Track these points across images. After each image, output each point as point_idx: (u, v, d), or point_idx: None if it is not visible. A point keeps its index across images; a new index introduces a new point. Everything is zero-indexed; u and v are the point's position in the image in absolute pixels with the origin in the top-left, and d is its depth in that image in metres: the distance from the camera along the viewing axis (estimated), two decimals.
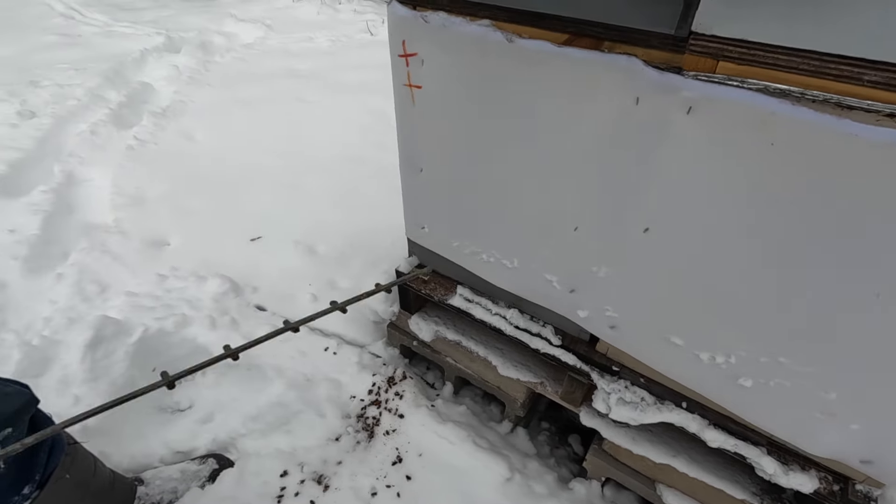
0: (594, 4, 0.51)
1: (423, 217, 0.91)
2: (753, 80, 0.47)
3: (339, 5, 3.24)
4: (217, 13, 3.21)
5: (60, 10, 3.34)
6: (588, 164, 0.63)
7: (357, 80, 2.39)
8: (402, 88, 0.74)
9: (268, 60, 2.62)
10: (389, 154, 1.84)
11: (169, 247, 1.45)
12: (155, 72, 2.51)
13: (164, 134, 1.95)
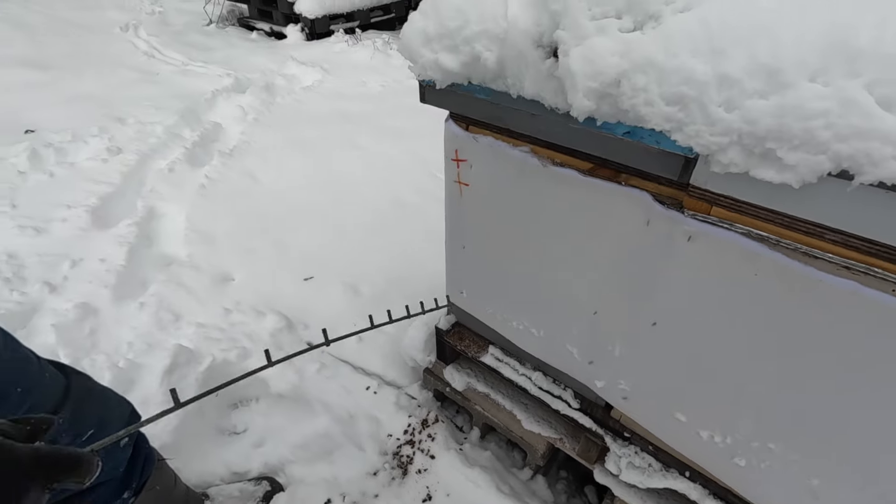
0: (614, 148, 0.63)
1: (463, 284, 1.04)
2: (740, 224, 0.58)
3: (391, 51, 3.47)
4: (280, 55, 3.50)
5: (143, 49, 3.71)
6: (606, 265, 0.74)
7: (403, 126, 2.58)
8: (453, 184, 0.88)
9: (324, 103, 2.85)
10: (428, 200, 2.00)
11: (233, 282, 1.63)
12: (224, 111, 2.78)
13: (231, 173, 2.18)
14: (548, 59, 0.64)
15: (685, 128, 0.52)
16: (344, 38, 3.68)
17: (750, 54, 0.47)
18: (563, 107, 0.64)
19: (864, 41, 0.43)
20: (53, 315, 1.45)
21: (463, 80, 0.72)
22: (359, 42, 3.61)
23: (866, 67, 0.42)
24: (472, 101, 0.74)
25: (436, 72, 0.72)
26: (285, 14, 3.87)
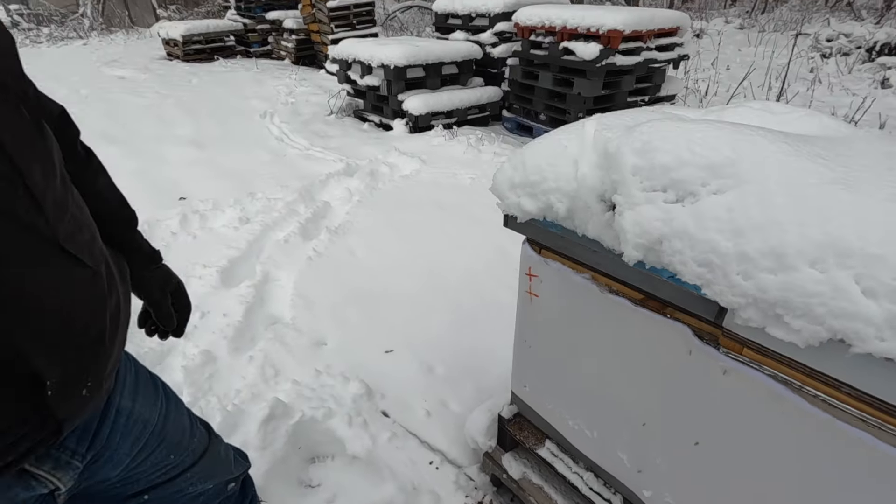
0: (660, 287, 0.76)
1: (526, 379, 1.16)
2: (767, 367, 0.67)
3: (482, 147, 3.84)
4: (386, 146, 4.00)
5: (275, 134, 4.42)
6: (653, 384, 0.85)
7: (489, 217, 2.81)
8: (525, 293, 1.04)
9: (420, 191, 3.20)
10: (506, 292, 2.16)
11: (326, 346, 1.87)
12: (334, 192, 3.21)
13: (335, 248, 2.51)
14: (608, 211, 0.80)
15: (712, 286, 0.65)
16: (442, 132, 4.13)
17: (763, 239, 0.60)
18: (618, 249, 0.79)
19: (855, 242, 0.55)
20: (183, 357, 1.75)
21: (539, 217, 0.90)
22: (455, 137, 4.03)
23: (855, 262, 0.54)
24: (544, 233, 0.92)
25: (518, 210, 0.91)
26: (394, 110, 4.45)
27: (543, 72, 4.03)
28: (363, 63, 4.47)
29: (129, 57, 8.72)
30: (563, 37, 3.81)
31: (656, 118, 0.88)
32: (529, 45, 4.13)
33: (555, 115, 4.11)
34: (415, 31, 9.92)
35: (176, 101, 5.48)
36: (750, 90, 4.08)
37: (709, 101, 5.04)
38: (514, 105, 4.56)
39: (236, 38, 8.71)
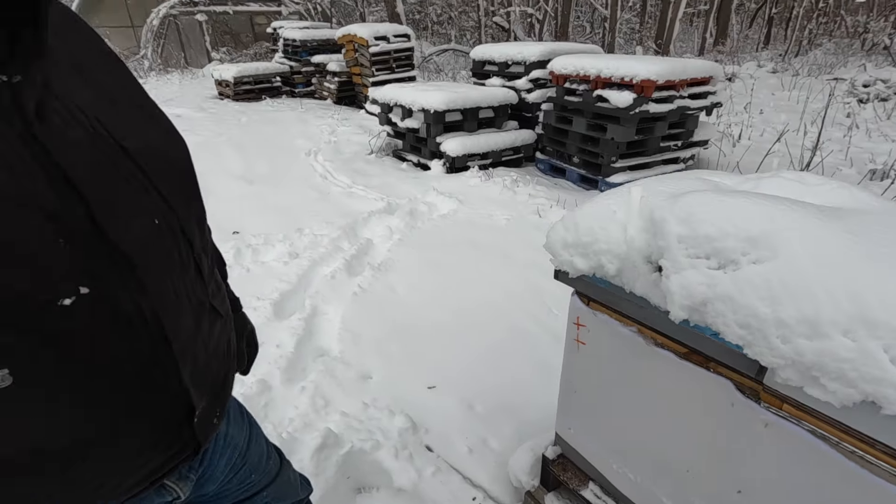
0: (704, 343, 0.84)
1: (571, 422, 1.23)
2: (806, 422, 0.74)
3: (517, 188, 3.97)
4: (424, 185, 4.18)
5: (319, 172, 4.67)
6: (697, 433, 0.91)
7: (524, 257, 2.91)
8: (572, 340, 1.13)
9: (457, 230, 3.33)
10: (542, 331, 2.23)
11: (372, 380, 1.97)
12: (375, 230, 3.38)
13: (378, 284, 2.64)
14: (654, 272, 0.89)
15: (753, 346, 0.73)
16: (478, 173, 4.30)
17: (798, 308, 0.68)
18: (664, 307, 0.88)
19: (882, 315, 0.63)
20: (241, 385, 1.88)
21: (589, 274, 1.00)
22: (490, 178, 4.19)
23: (883, 333, 0.62)
24: (594, 288, 1.02)
25: (570, 267, 1.01)
26: (432, 150, 4.66)
27: (577, 117, 4.18)
28: (404, 107, 4.73)
29: (185, 96, 9.37)
30: (597, 85, 3.97)
31: (697, 188, 0.98)
32: (564, 92, 4.30)
33: (588, 157, 4.23)
34: (450, 72, 10.36)
35: (227, 139, 5.87)
36: (785, 147, 4.11)
37: (742, 145, 5.09)
38: (547, 147, 4.71)
39: (282, 79, 9.27)
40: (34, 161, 0.46)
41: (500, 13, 10.79)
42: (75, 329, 0.48)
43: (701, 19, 15.38)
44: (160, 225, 0.56)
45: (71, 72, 0.54)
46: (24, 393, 0.47)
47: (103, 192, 0.50)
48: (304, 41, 8.99)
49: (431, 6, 14.64)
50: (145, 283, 0.53)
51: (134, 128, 0.57)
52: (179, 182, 0.61)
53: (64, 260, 0.47)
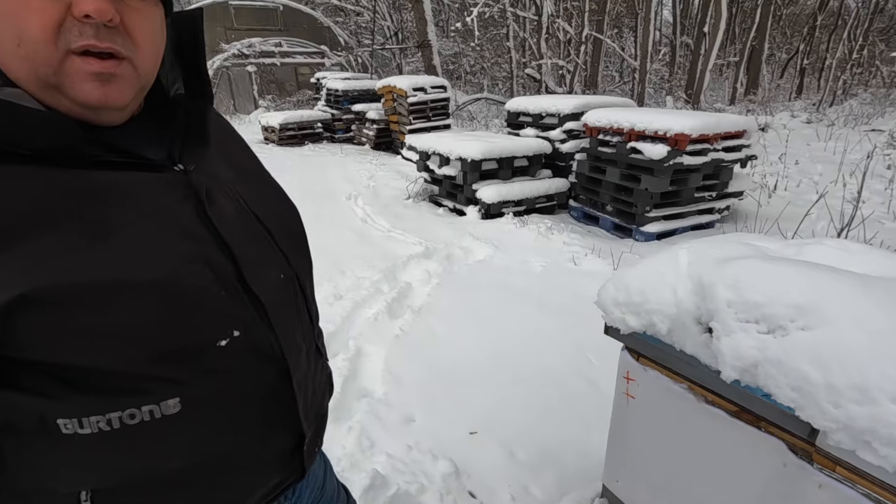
0: (755, 404, 0.89)
1: (619, 474, 1.26)
2: (860, 486, 0.78)
3: (552, 235, 4.06)
4: (460, 230, 4.32)
5: (360, 215, 4.88)
6: (749, 489, 0.94)
7: (560, 304, 2.96)
8: (622, 394, 1.18)
9: (493, 275, 3.42)
10: (581, 381, 2.26)
11: (415, 423, 2.02)
12: (414, 273, 3.50)
13: (419, 327, 2.73)
14: (704, 333, 0.96)
15: (804, 409, 0.78)
16: (513, 220, 4.41)
17: (847, 374, 0.74)
18: (715, 367, 0.94)
19: None
20: None
21: (640, 331, 1.07)
22: (525, 225, 4.29)
23: None
24: (644, 345, 1.08)
25: (622, 325, 1.08)
26: (468, 197, 4.83)
27: (611, 167, 4.29)
28: (442, 155, 4.95)
29: None
30: (630, 137, 4.09)
31: (743, 254, 1.06)
32: (597, 143, 4.43)
33: (621, 206, 4.30)
34: (483, 120, 10.74)
35: None
36: (824, 199, 4.11)
37: (779, 195, 5.07)
38: (580, 195, 4.81)
39: (323, 125, 9.81)
40: (206, 231, 0.59)
41: (531, 65, 11.23)
42: (228, 366, 0.59)
43: (731, 70, 15.59)
44: (284, 278, 0.68)
45: (220, 157, 0.69)
46: (188, 418, 0.58)
47: (247, 252, 0.62)
48: (346, 91, 9.54)
49: (465, 58, 15.35)
50: (275, 327, 0.64)
51: (261, 198, 0.71)
52: (294, 242, 0.74)
53: (224, 308, 0.58)
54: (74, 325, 0.50)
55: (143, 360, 0.53)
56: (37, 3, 0.48)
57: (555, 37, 11.83)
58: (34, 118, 0.49)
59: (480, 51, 13.29)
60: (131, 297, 0.51)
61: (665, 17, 20.67)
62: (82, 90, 0.51)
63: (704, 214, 4.27)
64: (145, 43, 0.54)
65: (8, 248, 0.47)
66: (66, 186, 0.51)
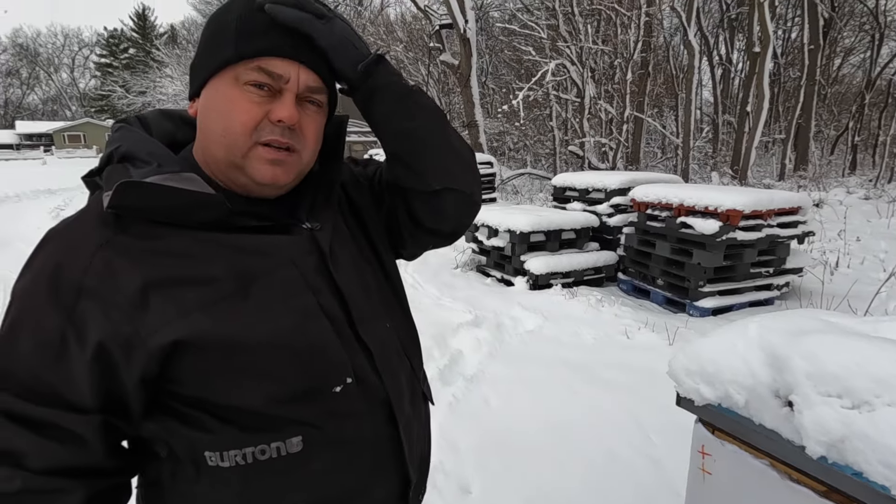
0: (845, 483, 0.87)
1: None
2: None
3: (602, 308, 4.04)
4: (509, 299, 4.37)
5: (409, 282, 5.04)
6: None
7: (616, 379, 2.90)
8: (697, 469, 1.17)
9: (544, 346, 3.41)
10: (639, 455, 2.17)
11: (472, 495, 1.99)
12: (465, 341, 3.54)
13: (472, 396, 2.73)
14: (784, 406, 0.97)
15: None
16: (561, 291, 4.44)
17: None
18: (798, 442, 0.93)
19: None
20: None
21: (715, 403, 1.08)
22: (574, 297, 4.30)
23: None
24: (720, 417, 1.08)
25: (696, 395, 1.10)
26: (516, 268, 4.91)
27: (660, 241, 4.30)
28: (490, 227, 5.13)
29: None
30: (679, 212, 4.13)
31: (817, 328, 1.08)
32: (646, 217, 4.49)
33: (673, 281, 4.25)
34: (527, 194, 11.06)
35: None
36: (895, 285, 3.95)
37: (841, 273, 4.87)
38: (629, 269, 4.81)
39: None
40: (326, 283, 0.68)
41: (574, 142, 11.65)
42: (343, 410, 0.66)
43: (777, 146, 15.55)
44: (389, 328, 0.75)
45: (348, 209, 0.80)
46: (309, 457, 0.65)
47: (358, 302, 0.70)
48: None
49: (509, 136, 16.12)
50: (381, 374, 0.70)
51: (373, 249, 0.80)
52: (395, 290, 0.82)
53: (339, 356, 0.66)
54: (221, 368, 0.60)
55: (275, 401, 0.62)
56: (246, 106, 0.62)
57: (597, 116, 12.33)
58: (197, 199, 0.59)
59: (524, 129, 13.96)
60: (266, 345, 0.61)
61: (705, 97, 21.18)
62: (258, 170, 0.63)
63: (762, 291, 4.16)
64: (312, 141, 0.67)
65: (171, 298, 0.57)
66: (221, 247, 0.61)
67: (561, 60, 10.62)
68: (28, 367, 0.55)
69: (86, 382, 0.56)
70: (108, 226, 0.58)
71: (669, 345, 3.33)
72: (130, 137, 0.65)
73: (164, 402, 0.61)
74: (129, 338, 0.55)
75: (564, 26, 11.21)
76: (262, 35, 0.62)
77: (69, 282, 0.55)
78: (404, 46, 17.63)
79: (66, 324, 0.55)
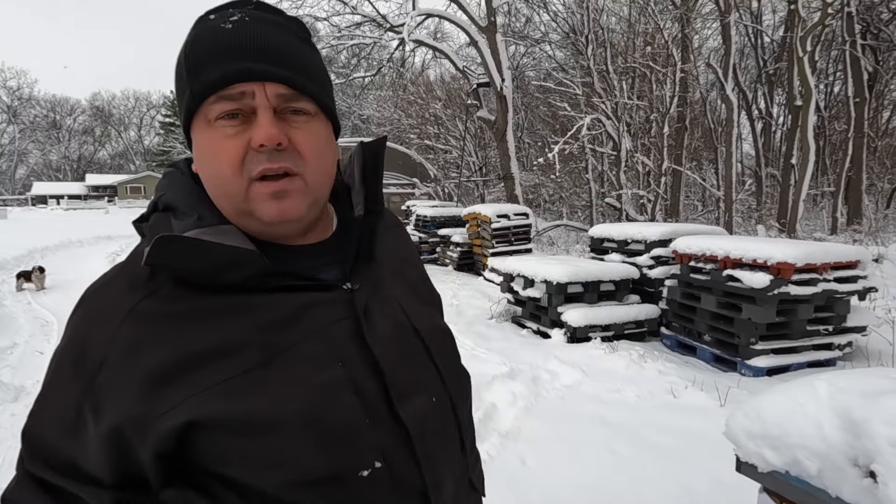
0: None
1: None
2: None
3: (645, 364, 3.84)
4: (545, 353, 4.22)
5: None
6: None
7: (661, 443, 2.69)
8: None
9: (583, 403, 3.23)
10: None
11: None
12: (499, 394, 3.40)
13: (507, 454, 2.59)
14: (865, 477, 0.86)
15: None
16: (601, 345, 4.26)
17: None
18: None
19: None
20: None
21: (781, 470, 0.97)
22: (615, 351, 4.12)
23: None
24: (788, 487, 0.97)
25: (759, 460, 0.99)
26: (552, 319, 4.78)
27: (706, 294, 4.11)
28: (526, 277, 5.06)
29: None
30: (725, 265, 3.96)
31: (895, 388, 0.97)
32: (689, 270, 4.33)
33: (721, 337, 4.02)
34: (563, 245, 10.96)
35: None
36: None
37: None
38: (673, 323, 4.59)
39: None
40: (359, 352, 0.58)
41: (611, 194, 11.60)
42: (367, 498, 0.57)
43: (827, 199, 14.98)
44: (436, 402, 0.64)
45: (394, 269, 0.71)
46: None
47: (398, 374, 0.60)
48: (434, 217, 10.35)
49: (544, 188, 16.26)
50: (419, 458, 0.59)
51: (425, 311, 0.71)
52: (452, 358, 0.72)
53: (368, 438, 0.56)
54: (235, 449, 0.54)
55: (292, 484, 0.55)
56: (224, 144, 0.55)
57: (633, 169, 12.31)
58: (235, 254, 0.55)
59: (560, 182, 14.06)
60: (283, 427, 0.54)
61: (746, 150, 20.89)
62: (262, 209, 0.56)
63: (822, 350, 3.86)
64: (312, 157, 0.57)
65: (190, 374, 0.53)
66: (249, 313, 0.56)
67: (596, 115, 10.80)
68: (51, 437, 0.55)
69: (102, 458, 0.54)
70: (138, 288, 0.55)
71: (721, 406, 3.09)
72: (175, 185, 0.62)
73: (184, 472, 0.57)
74: (143, 418, 0.52)
75: (599, 83, 11.48)
76: (212, 66, 0.54)
77: (93, 353, 0.53)
78: (443, 104, 18.43)
79: (85, 401, 0.53)
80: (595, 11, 11.80)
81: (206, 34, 0.56)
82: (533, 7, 14.85)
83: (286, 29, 0.58)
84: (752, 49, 17.45)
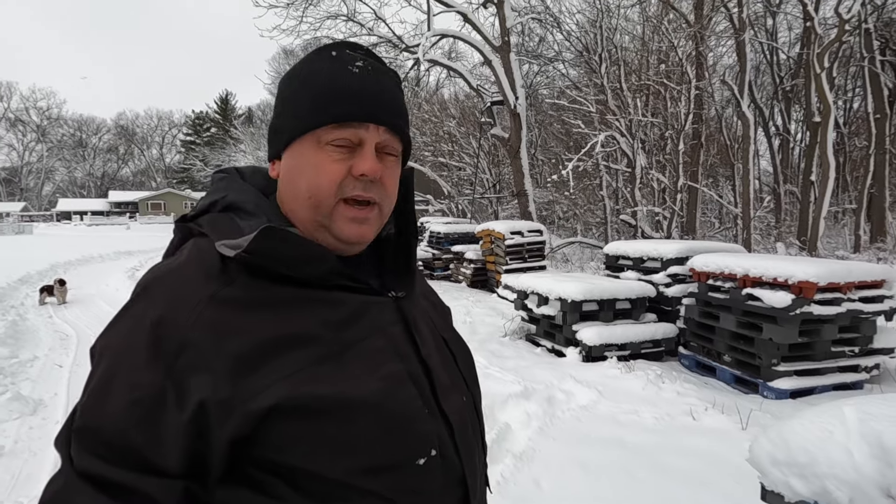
0: None
1: None
2: None
3: (663, 384, 3.75)
4: (560, 372, 4.15)
5: None
6: None
7: (681, 467, 2.61)
8: None
9: (600, 425, 3.16)
10: None
11: None
12: (513, 414, 3.35)
13: (521, 476, 2.53)
14: None
15: None
16: (617, 364, 4.18)
17: None
18: None
19: None
20: None
21: (810, 500, 0.93)
22: (632, 371, 4.03)
23: None
24: None
25: (786, 489, 0.95)
26: (567, 338, 4.72)
27: (724, 313, 4.03)
28: (540, 295, 5.02)
29: None
30: (744, 283, 3.88)
31: None
32: (707, 288, 4.25)
33: (742, 358, 3.92)
34: (577, 262, 10.87)
35: None
36: None
37: None
38: (691, 342, 4.49)
39: (423, 264, 10.52)
40: (411, 351, 0.66)
41: (626, 212, 11.51)
42: (423, 485, 0.61)
43: (849, 217, 14.66)
44: (465, 401, 0.72)
45: (419, 287, 0.78)
46: None
47: (440, 373, 0.68)
48: (447, 233, 10.37)
49: (558, 205, 16.21)
50: (459, 448, 0.66)
51: (444, 324, 0.79)
52: (470, 367, 0.79)
53: (425, 425, 0.63)
54: (307, 433, 0.56)
55: (357, 470, 0.57)
56: (329, 166, 0.62)
57: (648, 186, 12.23)
58: (322, 252, 0.61)
59: (574, 198, 14.02)
60: (355, 411, 0.57)
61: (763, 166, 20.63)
62: (343, 228, 0.63)
63: (848, 373, 3.74)
64: (392, 192, 0.67)
65: (275, 359, 0.56)
66: (322, 306, 0.60)
67: (610, 132, 10.79)
68: (116, 426, 0.52)
69: (176, 444, 0.53)
70: (214, 278, 0.58)
71: (743, 429, 3.00)
72: (238, 188, 0.67)
73: (241, 467, 0.57)
74: (229, 399, 0.53)
75: (613, 101, 11.50)
76: (341, 102, 0.62)
77: (172, 335, 0.54)
78: (457, 122, 18.61)
79: (167, 381, 0.52)
80: (608, 30, 11.88)
81: (333, 72, 0.64)
82: (546, 27, 15.00)
83: (393, 79, 0.68)
84: (767, 66, 17.35)
